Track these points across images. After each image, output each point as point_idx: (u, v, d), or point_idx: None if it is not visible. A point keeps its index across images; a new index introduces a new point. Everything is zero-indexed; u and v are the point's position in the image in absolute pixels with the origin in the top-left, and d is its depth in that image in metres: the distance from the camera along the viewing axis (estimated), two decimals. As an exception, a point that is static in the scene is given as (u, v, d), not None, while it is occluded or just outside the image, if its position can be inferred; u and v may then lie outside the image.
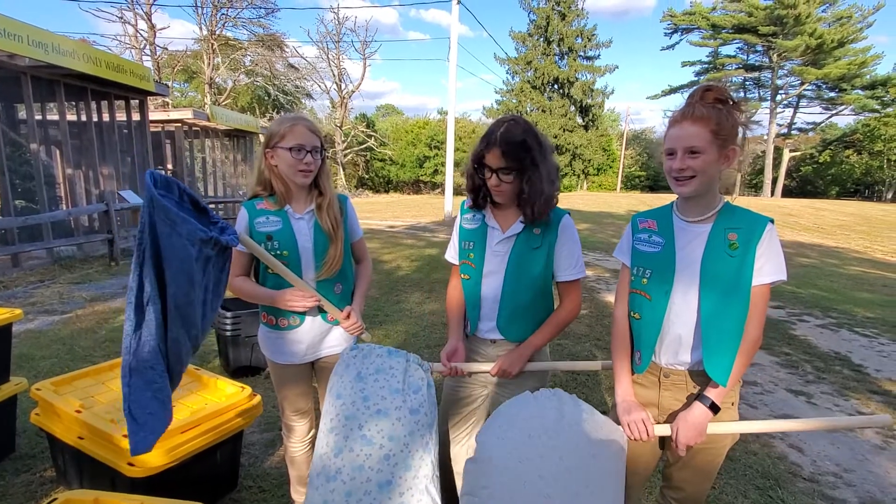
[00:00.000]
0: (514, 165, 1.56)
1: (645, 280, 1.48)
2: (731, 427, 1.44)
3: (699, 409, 1.38)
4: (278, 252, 1.75)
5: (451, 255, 1.86)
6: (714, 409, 1.38)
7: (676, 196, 1.47)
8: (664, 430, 1.45)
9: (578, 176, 44.77)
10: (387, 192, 38.94)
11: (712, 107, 1.34)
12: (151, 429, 1.29)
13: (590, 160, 42.82)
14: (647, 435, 1.43)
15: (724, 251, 1.37)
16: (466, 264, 1.77)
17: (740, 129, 1.38)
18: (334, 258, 1.81)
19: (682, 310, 1.42)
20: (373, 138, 35.62)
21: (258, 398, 2.33)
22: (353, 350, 1.58)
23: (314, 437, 2.01)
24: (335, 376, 1.56)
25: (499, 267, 1.70)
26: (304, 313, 1.83)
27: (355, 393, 1.48)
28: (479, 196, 1.73)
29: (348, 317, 1.81)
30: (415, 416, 1.48)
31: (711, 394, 1.38)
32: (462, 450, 1.94)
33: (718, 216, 1.41)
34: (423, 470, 1.45)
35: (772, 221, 1.38)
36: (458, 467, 1.95)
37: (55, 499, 1.52)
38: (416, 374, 1.55)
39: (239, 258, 1.79)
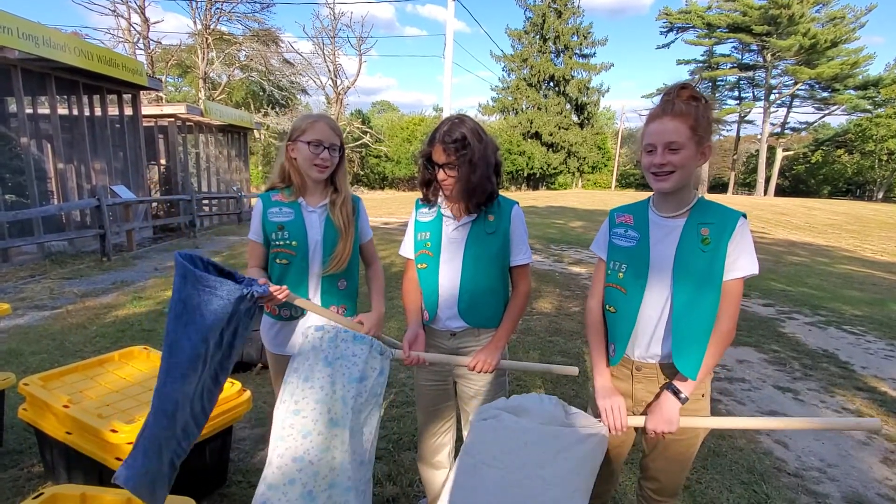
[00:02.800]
0: (457, 161, 1.64)
1: (621, 274, 1.51)
2: (709, 422, 1.47)
3: (666, 397, 1.42)
4: (287, 242, 1.80)
5: (406, 249, 1.89)
6: (677, 394, 1.41)
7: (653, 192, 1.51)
8: (637, 420, 1.49)
9: (573, 174, 44.86)
10: (382, 188, 38.87)
11: (689, 103, 1.37)
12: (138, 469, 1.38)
13: (585, 158, 42.91)
14: (620, 424, 1.46)
15: (696, 246, 1.40)
16: (424, 254, 1.80)
17: (716, 126, 1.42)
18: (343, 254, 1.84)
19: (656, 304, 1.45)
20: (368, 135, 35.52)
21: (248, 394, 2.34)
22: (317, 331, 1.57)
23: None
24: (301, 357, 1.56)
25: (456, 254, 1.75)
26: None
27: (324, 378, 1.51)
28: (430, 190, 1.79)
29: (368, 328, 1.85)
30: (368, 403, 1.56)
31: (679, 384, 1.42)
32: (440, 443, 1.97)
33: (692, 211, 1.44)
34: (369, 455, 1.55)
35: (744, 216, 1.41)
36: (434, 458, 1.98)
37: (42, 493, 1.53)
38: (373, 363, 1.60)
39: (256, 249, 1.87)
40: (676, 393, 1.41)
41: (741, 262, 1.38)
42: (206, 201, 14.01)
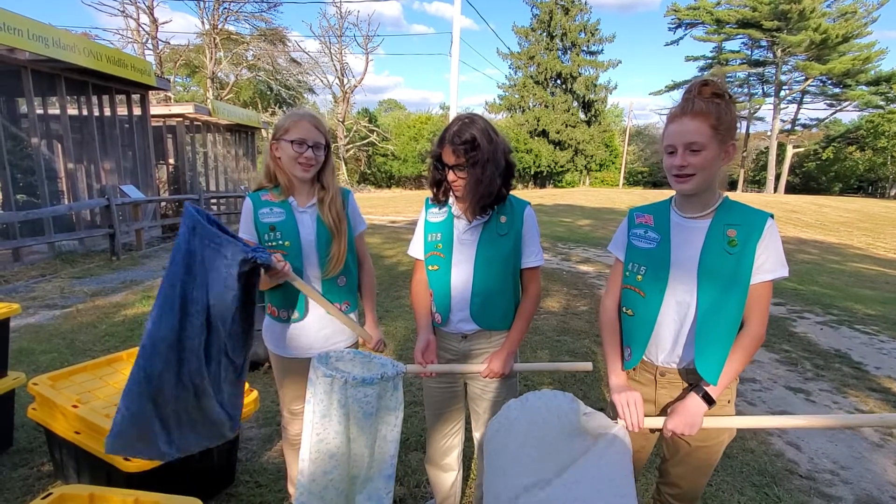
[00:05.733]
0: (467, 162, 1.61)
1: (640, 277, 1.46)
2: (729, 421, 1.42)
3: (693, 399, 1.37)
4: (280, 243, 1.77)
5: (416, 250, 1.86)
6: (707, 399, 1.35)
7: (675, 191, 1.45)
8: (656, 422, 1.43)
9: (581, 172, 44.70)
10: (389, 187, 38.91)
11: (710, 101, 1.31)
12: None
13: (592, 156, 42.75)
14: (638, 421, 1.40)
15: (722, 248, 1.35)
16: (435, 255, 1.77)
17: (738, 124, 1.36)
18: (338, 255, 1.81)
19: (678, 308, 1.40)
20: (375, 133, 35.56)
21: (255, 393, 2.33)
22: (326, 376, 1.53)
23: None
24: (315, 398, 1.55)
25: (468, 255, 1.72)
26: (305, 306, 1.83)
27: (341, 415, 1.53)
28: (440, 191, 1.77)
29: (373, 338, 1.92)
30: (388, 421, 1.59)
31: (708, 387, 1.36)
32: (449, 445, 1.95)
33: (717, 212, 1.39)
34: (391, 468, 1.61)
35: (772, 217, 1.36)
36: (443, 461, 1.96)
37: (51, 493, 1.53)
38: (386, 385, 1.58)
39: None
40: (704, 396, 1.35)
41: (770, 265, 1.33)
42: (214, 200, 14.09)
